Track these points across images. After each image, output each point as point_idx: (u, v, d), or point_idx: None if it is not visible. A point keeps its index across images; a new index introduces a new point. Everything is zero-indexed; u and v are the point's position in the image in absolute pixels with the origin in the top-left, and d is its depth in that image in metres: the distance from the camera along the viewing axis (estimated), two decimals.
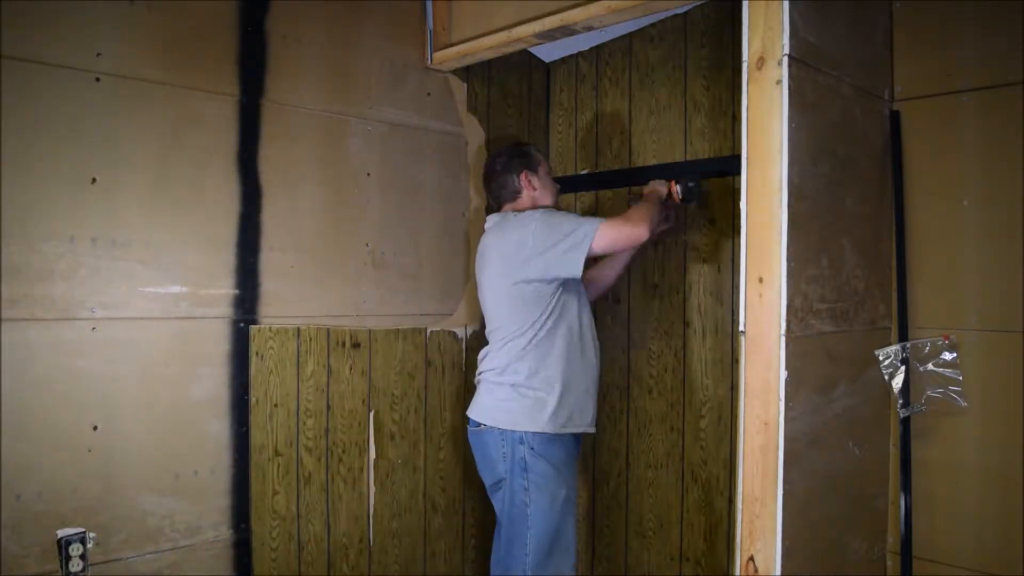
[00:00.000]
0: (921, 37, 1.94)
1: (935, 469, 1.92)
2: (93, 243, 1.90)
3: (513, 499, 2.17)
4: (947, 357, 1.87)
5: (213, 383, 2.11)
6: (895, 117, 1.96)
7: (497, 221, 2.29)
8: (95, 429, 1.91)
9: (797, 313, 1.59)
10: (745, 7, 1.63)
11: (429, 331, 2.61)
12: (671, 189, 2.31)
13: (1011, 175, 1.80)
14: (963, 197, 1.88)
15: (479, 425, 2.24)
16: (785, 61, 1.55)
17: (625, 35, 2.70)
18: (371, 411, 2.46)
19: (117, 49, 1.94)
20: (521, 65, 2.89)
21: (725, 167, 2.36)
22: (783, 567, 1.55)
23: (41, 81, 1.83)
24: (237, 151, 2.15)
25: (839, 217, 1.76)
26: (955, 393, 1.86)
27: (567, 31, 2.25)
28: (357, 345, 2.42)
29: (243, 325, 2.17)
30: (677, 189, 2.29)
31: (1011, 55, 1.79)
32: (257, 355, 2.20)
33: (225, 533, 2.14)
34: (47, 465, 1.84)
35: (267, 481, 2.22)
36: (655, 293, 2.64)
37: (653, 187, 2.34)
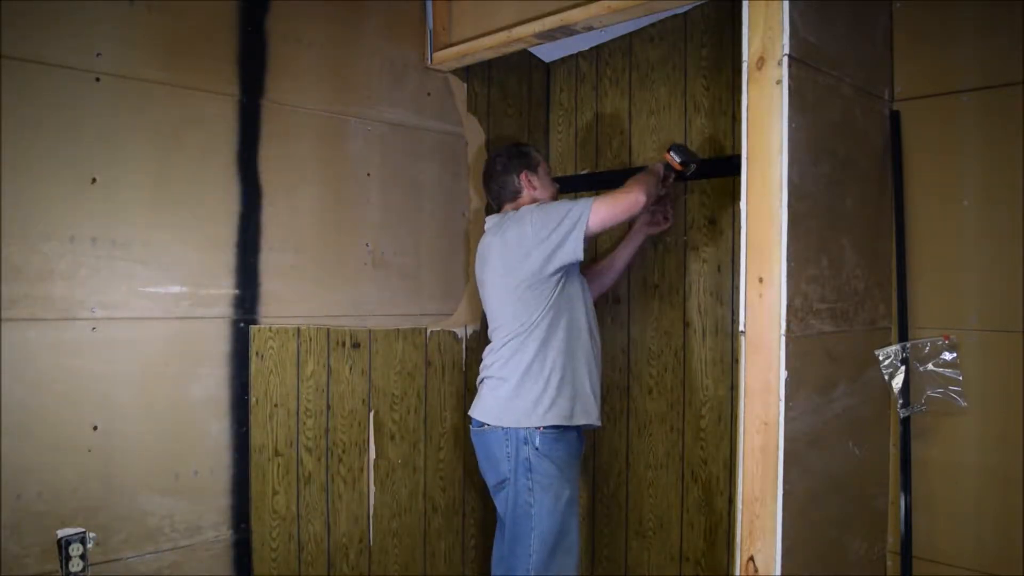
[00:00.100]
0: (921, 37, 1.93)
1: (935, 469, 1.92)
2: (93, 243, 1.90)
3: (517, 499, 2.17)
4: (947, 357, 1.87)
5: (213, 383, 2.11)
6: (895, 117, 1.96)
7: (496, 222, 2.30)
8: (95, 429, 1.91)
9: (797, 313, 1.59)
10: (745, 7, 1.63)
11: (429, 331, 2.61)
12: (666, 158, 2.30)
13: (1011, 175, 1.80)
14: (963, 197, 1.88)
15: (482, 425, 2.24)
16: (785, 61, 1.55)
17: (625, 35, 2.70)
18: (371, 411, 2.46)
19: (117, 49, 1.94)
20: (521, 65, 2.89)
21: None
22: (783, 567, 1.55)
23: (41, 81, 1.83)
24: (237, 151, 2.15)
25: (839, 217, 1.76)
26: (955, 393, 1.86)
27: (567, 31, 2.26)
28: (357, 345, 2.42)
29: (243, 325, 2.17)
30: (671, 155, 2.29)
31: (1011, 55, 1.79)
32: (257, 355, 2.20)
33: (225, 533, 2.14)
34: (47, 465, 1.84)
35: (267, 481, 2.22)
36: (655, 293, 2.64)
37: (648, 167, 2.35)
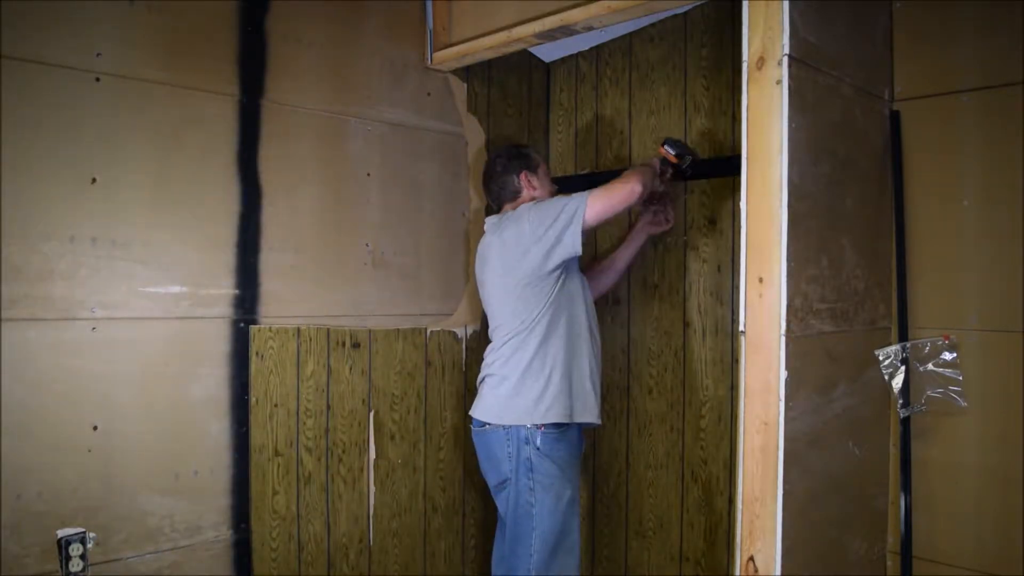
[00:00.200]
0: (921, 37, 1.93)
1: (935, 469, 1.92)
2: (93, 243, 1.90)
3: (518, 499, 2.17)
4: (947, 357, 1.87)
5: (213, 383, 2.11)
6: (895, 117, 1.96)
7: (495, 222, 2.30)
8: (95, 429, 1.91)
9: (797, 313, 1.59)
10: (745, 7, 1.63)
11: (429, 331, 2.61)
12: (660, 152, 2.30)
13: (1011, 175, 1.80)
14: (963, 197, 1.88)
15: (484, 425, 2.23)
16: (785, 61, 1.55)
17: (625, 35, 2.70)
18: (371, 411, 2.46)
19: (117, 49, 1.94)
20: (521, 65, 2.89)
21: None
22: (783, 567, 1.55)
23: (41, 81, 1.83)
24: (237, 151, 2.15)
25: (839, 217, 1.76)
26: (955, 393, 1.86)
27: (567, 31, 2.26)
28: (357, 345, 2.42)
29: (243, 325, 2.17)
30: (666, 148, 2.28)
31: (1011, 55, 1.79)
32: (257, 355, 2.20)
33: (225, 533, 2.14)
34: (47, 465, 1.84)
35: (267, 481, 2.22)
36: (655, 293, 2.64)
37: (644, 162, 2.35)
